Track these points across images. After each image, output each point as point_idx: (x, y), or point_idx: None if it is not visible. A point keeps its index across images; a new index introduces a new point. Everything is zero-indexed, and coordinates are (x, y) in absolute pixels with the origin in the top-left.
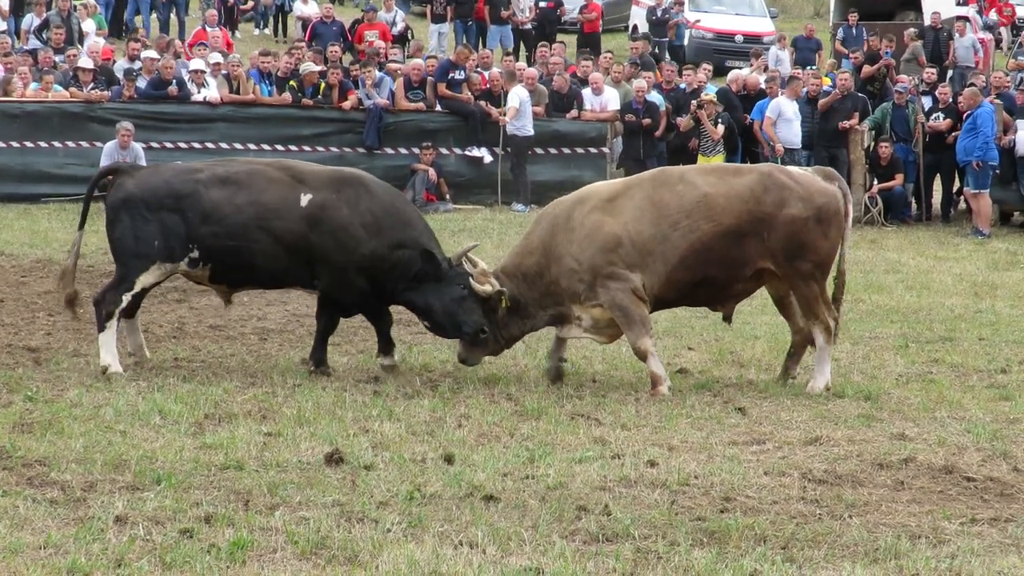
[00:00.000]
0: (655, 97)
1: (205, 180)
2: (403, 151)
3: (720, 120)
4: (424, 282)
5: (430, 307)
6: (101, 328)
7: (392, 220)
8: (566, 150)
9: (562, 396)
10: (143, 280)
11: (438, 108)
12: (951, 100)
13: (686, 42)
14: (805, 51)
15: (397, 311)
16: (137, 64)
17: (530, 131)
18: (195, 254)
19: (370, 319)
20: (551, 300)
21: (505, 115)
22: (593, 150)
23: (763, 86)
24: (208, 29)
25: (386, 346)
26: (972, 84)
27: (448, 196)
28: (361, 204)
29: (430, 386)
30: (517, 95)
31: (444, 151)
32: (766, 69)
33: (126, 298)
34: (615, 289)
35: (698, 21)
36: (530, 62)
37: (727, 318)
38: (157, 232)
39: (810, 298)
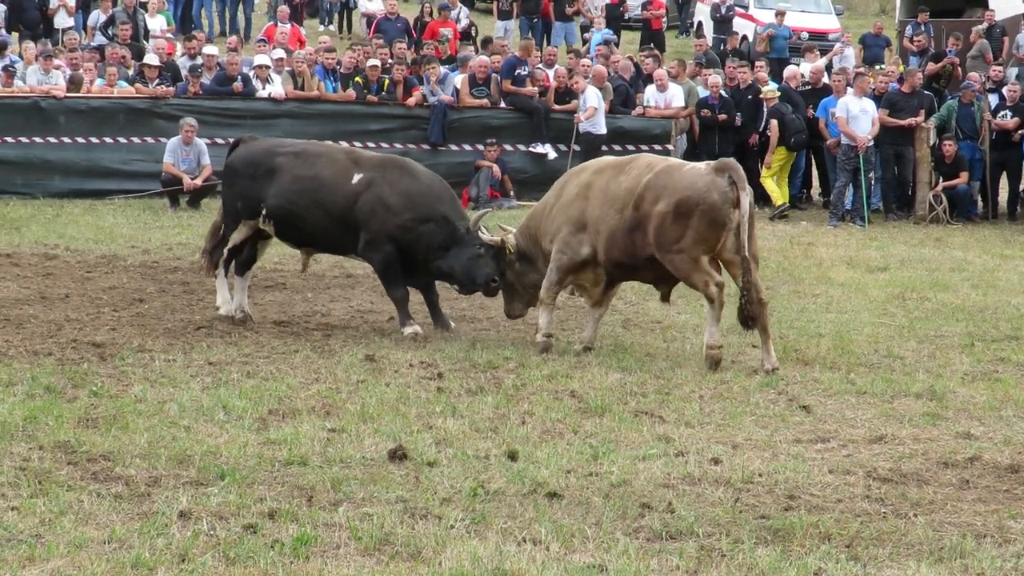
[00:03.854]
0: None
1: (282, 153)
2: (467, 147)
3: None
4: (448, 249)
5: (452, 268)
6: (209, 275)
7: (423, 199)
8: (630, 147)
9: (625, 393)
10: (234, 237)
11: (502, 104)
12: (1019, 98)
13: (750, 39)
14: (874, 48)
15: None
16: (199, 60)
17: (603, 129)
18: (264, 212)
19: (418, 289)
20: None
21: (581, 115)
22: (657, 147)
23: (828, 82)
24: (279, 25)
25: (437, 317)
26: None
27: (512, 192)
28: (400, 184)
29: (494, 383)
30: (595, 95)
31: (508, 147)
32: (831, 67)
33: (224, 251)
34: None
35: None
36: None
37: (663, 298)
38: (239, 195)
39: (685, 277)
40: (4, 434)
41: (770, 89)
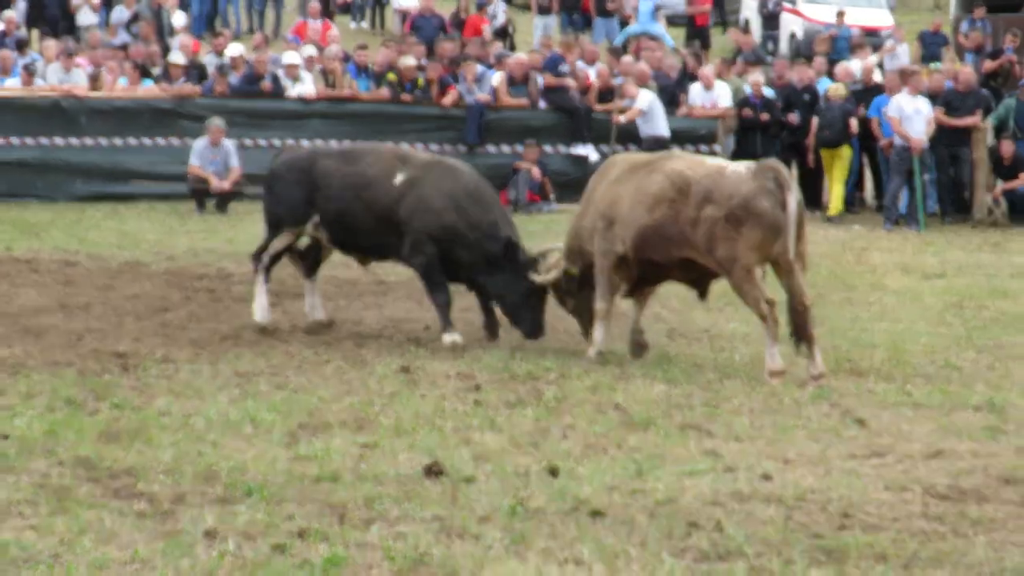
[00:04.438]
0: (767, 92)
1: (327, 153)
2: (505, 149)
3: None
4: (497, 268)
5: (501, 295)
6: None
7: (470, 203)
8: (675, 148)
9: (671, 406)
10: (275, 244)
11: (542, 104)
12: None
13: (799, 36)
14: (932, 46)
15: None
16: (226, 58)
17: (665, 131)
18: (316, 218)
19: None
20: None
21: (622, 115)
22: (704, 148)
23: (880, 81)
24: (310, 22)
25: (490, 321)
26: None
27: (552, 196)
28: (444, 184)
29: (534, 395)
30: (646, 97)
31: (548, 149)
32: (882, 65)
33: (265, 258)
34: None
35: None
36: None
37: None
38: (280, 201)
39: (738, 289)
40: (23, 449)
41: (837, 86)
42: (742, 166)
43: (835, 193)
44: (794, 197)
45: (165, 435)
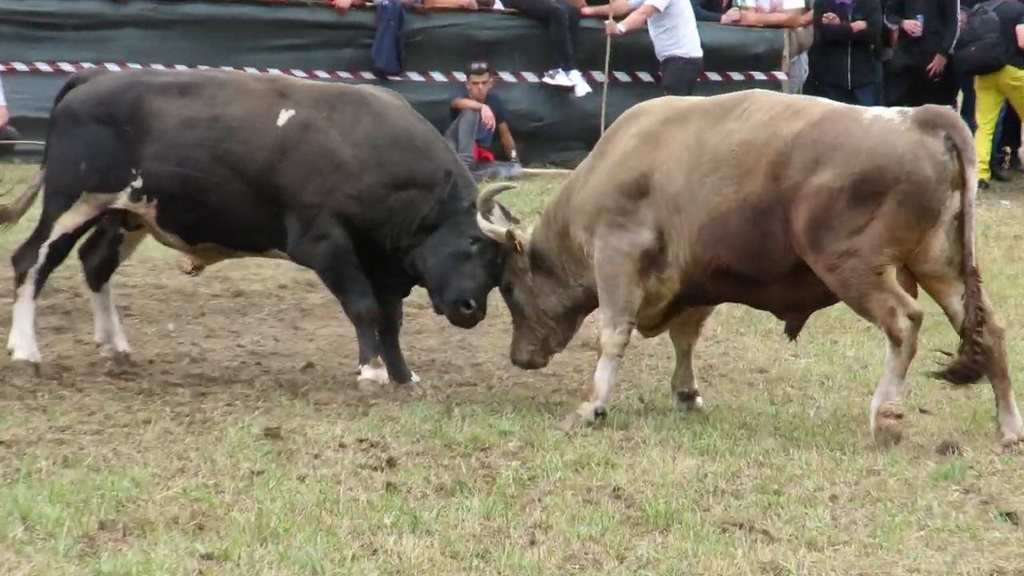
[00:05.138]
0: None
1: (157, 84)
2: (438, 77)
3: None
4: (435, 230)
5: (426, 263)
6: (15, 295)
7: (401, 152)
8: (714, 76)
9: (705, 491)
10: (64, 221)
11: (498, 5)
12: None
13: None
14: None
15: None
16: None
17: (696, 50)
18: (138, 183)
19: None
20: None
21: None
22: (760, 75)
23: None
24: None
25: (396, 362)
26: None
27: (515, 153)
28: (357, 127)
29: (483, 475)
30: None
31: (508, 77)
32: None
33: (43, 252)
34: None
35: None
36: None
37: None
38: (83, 153)
39: (857, 302)
40: None
41: None
42: (887, 111)
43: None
44: (975, 170)
45: None
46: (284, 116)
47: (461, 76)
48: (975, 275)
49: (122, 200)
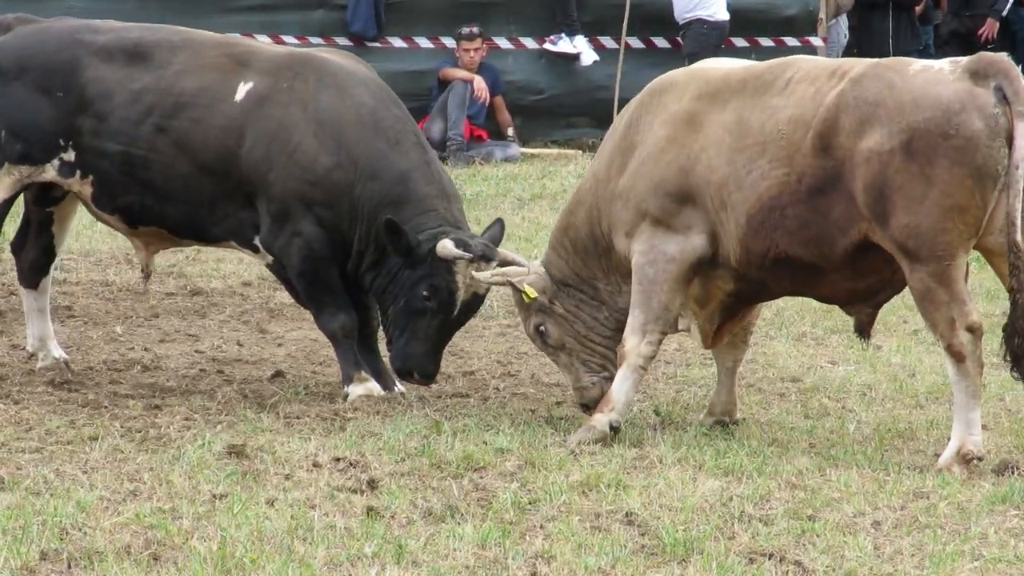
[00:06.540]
0: None
1: (102, 46)
2: (423, 43)
3: None
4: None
5: (382, 306)
6: None
7: (362, 131)
8: (741, 43)
9: (731, 517)
10: None
11: None
12: None
13: None
14: None
15: None
16: None
17: (722, 12)
18: (70, 156)
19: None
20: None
21: None
22: (793, 40)
23: None
24: None
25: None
26: None
27: (512, 131)
28: (326, 101)
29: (477, 497)
30: None
31: (504, 43)
32: None
33: None
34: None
35: None
36: None
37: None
38: (4, 118)
39: (923, 294)
40: None
41: None
42: (938, 61)
43: None
44: None
45: None
46: (243, 90)
47: (450, 42)
48: (1018, 250)
49: (49, 173)
